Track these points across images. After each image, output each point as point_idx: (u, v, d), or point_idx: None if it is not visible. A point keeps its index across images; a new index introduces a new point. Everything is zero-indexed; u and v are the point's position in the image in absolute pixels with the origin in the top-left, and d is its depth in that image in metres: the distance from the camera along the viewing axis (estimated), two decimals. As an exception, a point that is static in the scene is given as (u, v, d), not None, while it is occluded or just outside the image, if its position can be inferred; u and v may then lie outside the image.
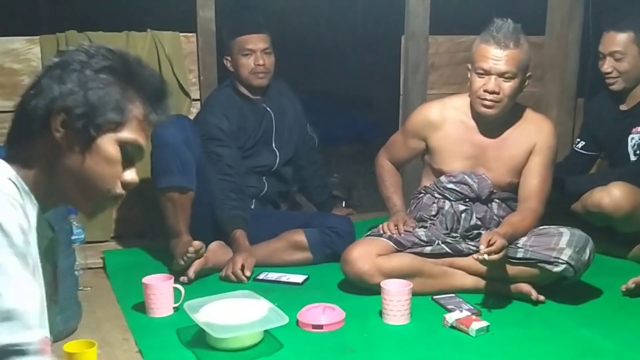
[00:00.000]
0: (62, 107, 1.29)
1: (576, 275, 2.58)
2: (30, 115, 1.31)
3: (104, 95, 1.31)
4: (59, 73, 1.31)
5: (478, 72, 2.68)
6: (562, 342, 2.35)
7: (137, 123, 1.35)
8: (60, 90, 1.30)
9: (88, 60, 1.33)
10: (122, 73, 1.34)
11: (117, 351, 2.28)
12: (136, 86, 1.35)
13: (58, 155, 1.31)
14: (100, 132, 1.31)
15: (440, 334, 2.42)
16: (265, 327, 2.31)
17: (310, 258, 3.07)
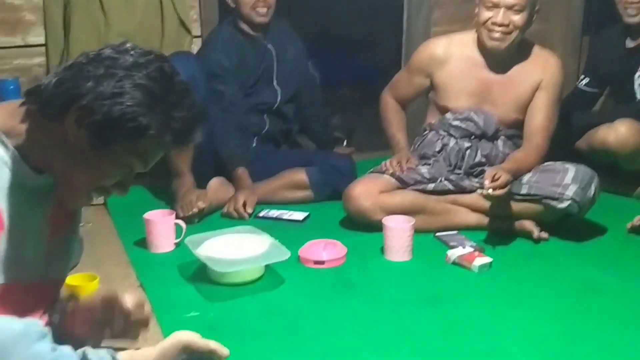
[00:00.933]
0: (84, 106, 1.25)
1: (581, 212, 2.54)
2: (54, 96, 1.27)
3: (130, 113, 1.25)
4: (101, 72, 1.26)
5: (486, 4, 2.60)
6: (565, 279, 2.32)
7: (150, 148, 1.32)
8: (91, 90, 1.25)
9: (133, 70, 1.27)
10: (160, 99, 1.28)
11: (119, 286, 2.25)
12: (168, 117, 1.29)
13: (61, 138, 1.28)
14: (108, 145, 1.28)
15: (443, 271, 2.39)
16: (267, 261, 2.28)
17: (311, 196, 3.04)
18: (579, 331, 1.98)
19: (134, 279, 2.32)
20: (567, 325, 2.00)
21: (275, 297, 2.20)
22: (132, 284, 2.28)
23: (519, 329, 1.99)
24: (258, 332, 1.97)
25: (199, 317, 2.05)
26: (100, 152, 1.27)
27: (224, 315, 2.07)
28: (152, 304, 2.10)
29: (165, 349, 1.45)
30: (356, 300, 2.18)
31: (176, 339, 1.47)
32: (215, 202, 2.89)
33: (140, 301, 1.55)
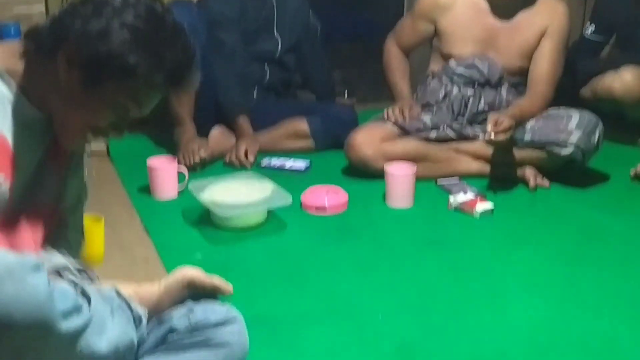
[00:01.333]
0: (72, 45, 1.23)
1: (584, 158, 2.52)
2: (48, 35, 1.26)
3: (116, 52, 1.22)
4: (90, 12, 1.24)
5: None
6: (568, 223, 2.33)
7: (141, 89, 1.28)
8: (80, 29, 1.23)
9: (122, 10, 1.24)
10: (149, 38, 1.25)
11: (124, 230, 2.26)
12: (157, 57, 1.26)
13: (55, 78, 1.26)
14: (97, 84, 1.25)
15: (444, 216, 2.39)
16: (270, 205, 2.28)
17: (312, 145, 3.02)
18: (581, 273, 1.98)
19: (139, 223, 2.31)
20: (569, 268, 2.01)
21: (278, 241, 2.20)
22: (137, 228, 2.29)
23: (521, 271, 2.00)
24: (262, 273, 1.98)
25: (203, 259, 2.05)
26: (92, 92, 1.26)
27: (227, 258, 2.08)
28: (157, 247, 2.13)
29: (169, 284, 1.44)
30: (358, 244, 2.18)
31: (181, 274, 1.46)
32: (217, 151, 2.88)
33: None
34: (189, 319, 1.37)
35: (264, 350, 1.56)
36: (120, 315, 1.25)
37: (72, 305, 1.08)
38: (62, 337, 1.06)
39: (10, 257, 1.03)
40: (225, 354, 1.37)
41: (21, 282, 1.01)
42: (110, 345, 1.17)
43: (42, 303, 1.03)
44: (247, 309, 1.48)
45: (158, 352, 1.34)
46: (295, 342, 1.64)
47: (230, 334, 1.39)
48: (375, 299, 1.85)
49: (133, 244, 2.17)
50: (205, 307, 1.41)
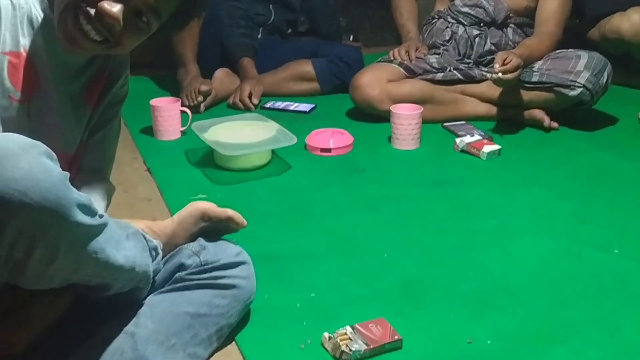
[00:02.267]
0: None
1: (593, 99, 2.45)
2: None
3: None
4: None
5: None
6: (576, 163, 2.27)
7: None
8: None
9: None
10: None
11: (127, 169, 2.21)
12: None
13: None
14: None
15: (451, 157, 2.34)
16: (274, 145, 2.22)
17: (317, 88, 2.96)
18: (589, 211, 1.93)
19: (142, 163, 2.27)
20: (577, 206, 1.96)
21: (282, 181, 2.15)
22: (140, 167, 2.24)
23: (529, 209, 1.95)
24: (267, 212, 1.93)
25: (207, 199, 1.98)
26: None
27: (232, 197, 2.02)
28: (160, 187, 2.08)
29: (183, 218, 1.39)
30: (364, 183, 2.13)
31: (193, 207, 1.40)
32: (220, 93, 2.82)
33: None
34: (199, 258, 1.34)
35: (268, 286, 1.52)
36: (136, 240, 1.20)
37: (86, 201, 1.02)
38: (75, 230, 1.00)
39: (23, 138, 0.97)
40: (232, 295, 1.34)
41: (35, 160, 0.95)
42: (128, 260, 1.13)
43: (56, 184, 0.96)
44: (251, 247, 1.45)
45: (166, 291, 1.31)
46: (300, 279, 1.60)
47: (239, 278, 1.36)
48: (380, 237, 1.80)
49: (136, 184, 2.12)
50: (217, 246, 1.37)
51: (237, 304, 1.35)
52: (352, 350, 1.31)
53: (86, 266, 1.06)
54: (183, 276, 1.32)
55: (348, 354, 1.31)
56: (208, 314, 1.30)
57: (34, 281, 1.04)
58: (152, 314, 1.25)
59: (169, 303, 1.28)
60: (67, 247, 1.01)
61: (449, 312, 1.47)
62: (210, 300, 1.31)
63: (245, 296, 1.37)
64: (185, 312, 1.27)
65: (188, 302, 1.28)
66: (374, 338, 1.34)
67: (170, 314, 1.26)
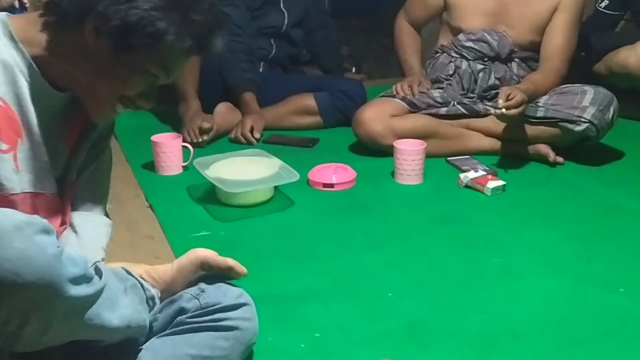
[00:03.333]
0: (101, 12, 1.19)
1: (599, 135, 2.48)
2: (72, 5, 1.21)
3: (146, 18, 1.19)
4: None
5: None
6: (582, 200, 2.30)
7: (171, 55, 1.25)
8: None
9: None
10: (176, 2, 1.22)
11: (129, 206, 2.25)
12: (186, 21, 1.22)
13: (82, 48, 1.23)
14: (128, 52, 1.22)
15: (455, 194, 2.37)
16: (277, 182, 2.26)
17: (320, 122, 3.00)
18: (594, 250, 1.96)
19: (144, 200, 2.30)
20: (582, 245, 1.99)
21: (285, 218, 2.19)
22: (142, 204, 2.27)
23: (534, 248, 1.98)
24: (270, 251, 1.97)
25: (210, 236, 2.04)
26: (121, 60, 1.23)
27: (234, 235, 2.06)
28: (162, 224, 2.12)
29: (182, 265, 1.42)
30: (368, 220, 2.17)
31: (194, 255, 1.43)
32: (222, 127, 2.86)
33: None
34: (199, 301, 1.36)
35: (272, 327, 1.55)
36: (134, 294, 1.24)
37: (81, 271, 1.06)
38: (69, 304, 1.04)
39: (20, 216, 1.02)
40: (234, 337, 1.37)
41: (29, 239, 1.00)
42: (123, 321, 1.16)
43: (50, 263, 1.01)
44: (254, 286, 1.48)
45: (167, 334, 1.33)
46: (304, 319, 1.62)
47: (241, 320, 1.38)
48: (384, 276, 1.83)
49: (138, 220, 2.16)
50: (217, 289, 1.40)
51: (240, 345, 1.38)
52: (356, 393, 1.34)
53: (80, 332, 1.12)
54: (184, 320, 1.34)
55: (352, 397, 1.33)
56: (211, 356, 1.32)
57: (29, 347, 1.09)
58: (154, 358, 1.27)
59: (171, 346, 1.30)
60: (61, 319, 1.06)
61: (454, 354, 1.50)
62: (213, 342, 1.33)
63: (247, 338, 1.40)
64: (187, 354, 1.30)
65: (190, 344, 1.31)
66: (379, 380, 1.37)
67: (172, 357, 1.28)
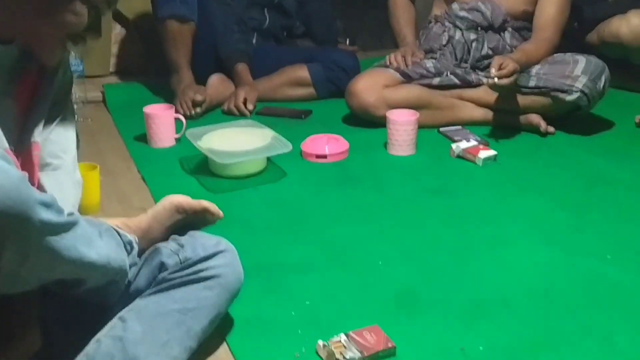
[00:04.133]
0: None
1: (590, 104, 2.50)
2: None
3: None
4: None
5: None
6: (573, 170, 2.31)
7: None
8: None
9: None
10: None
11: (120, 179, 2.26)
12: None
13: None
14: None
15: (447, 164, 2.38)
16: (269, 153, 2.27)
17: (313, 94, 3.01)
18: (585, 219, 1.98)
19: (136, 172, 2.31)
20: (573, 214, 2.01)
21: (277, 189, 2.20)
22: (134, 176, 2.28)
23: (525, 217, 1.99)
24: (262, 222, 1.98)
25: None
26: None
27: (226, 206, 1.99)
28: (154, 196, 2.12)
29: (157, 212, 1.44)
30: (359, 191, 2.18)
31: (168, 201, 1.45)
32: (215, 99, 2.87)
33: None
34: (179, 256, 1.37)
35: (262, 296, 1.57)
36: (109, 237, 1.24)
37: (50, 199, 1.05)
38: (42, 230, 1.03)
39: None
40: (218, 284, 1.38)
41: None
42: (101, 257, 1.17)
43: (17, 184, 0.98)
44: (246, 257, 1.48)
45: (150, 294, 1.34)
46: (295, 288, 1.64)
47: (222, 267, 1.39)
48: (375, 246, 1.85)
49: (130, 193, 2.17)
50: (194, 240, 1.41)
51: (225, 292, 1.39)
52: (346, 358, 1.36)
53: (59, 265, 1.10)
54: (165, 276, 1.35)
55: (342, 363, 1.36)
56: (197, 307, 1.34)
57: (9, 283, 1.07)
58: (140, 317, 1.28)
59: (155, 305, 1.31)
60: (36, 246, 1.04)
61: (442, 321, 1.52)
62: (197, 294, 1.35)
63: (231, 284, 1.41)
64: (172, 309, 1.31)
65: (174, 300, 1.32)
66: (368, 346, 1.39)
67: (158, 315, 1.29)
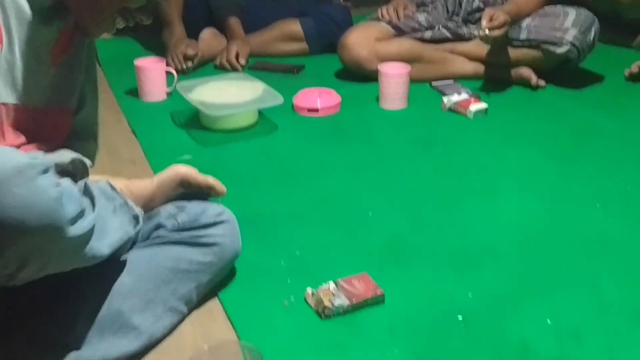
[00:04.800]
0: None
1: (579, 57, 2.45)
2: None
3: None
4: None
5: None
6: (563, 122, 2.28)
7: None
8: None
9: None
10: None
11: (111, 132, 2.21)
12: None
13: None
14: None
15: (438, 117, 2.34)
16: (260, 105, 2.22)
17: (306, 49, 2.95)
18: (574, 170, 1.95)
19: (126, 125, 2.27)
20: (562, 165, 1.98)
21: (269, 143, 2.16)
22: (124, 130, 2.23)
23: (514, 169, 1.96)
24: (253, 174, 1.94)
25: (193, 160, 2.00)
26: None
27: (217, 159, 2.03)
28: (144, 149, 2.08)
29: (162, 181, 1.39)
30: (351, 144, 2.14)
31: (174, 172, 1.40)
32: (207, 53, 2.80)
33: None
34: (177, 219, 1.34)
35: (252, 247, 1.54)
36: (123, 213, 1.21)
37: (78, 208, 1.03)
38: (68, 243, 1.02)
39: (20, 157, 0.98)
40: (213, 252, 1.35)
41: (31, 183, 0.96)
42: (112, 248, 1.14)
43: (52, 207, 0.97)
44: (236, 208, 1.45)
45: (144, 247, 1.31)
46: (285, 238, 1.61)
47: (220, 237, 1.36)
48: (366, 197, 1.81)
49: (119, 145, 2.12)
50: (196, 206, 1.37)
51: (219, 261, 1.36)
52: (334, 306, 1.33)
53: (71, 265, 1.09)
54: (161, 234, 1.32)
55: (330, 309, 1.33)
56: (188, 270, 1.30)
57: (19, 282, 1.06)
58: (130, 269, 1.25)
59: (147, 258, 1.28)
60: (57, 257, 1.04)
61: (431, 269, 1.49)
62: (191, 257, 1.32)
63: (227, 255, 1.38)
64: (164, 266, 1.28)
65: (167, 257, 1.29)
66: (357, 293, 1.37)
67: (148, 269, 1.26)
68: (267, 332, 1.30)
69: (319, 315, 1.34)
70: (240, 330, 1.30)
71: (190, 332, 1.31)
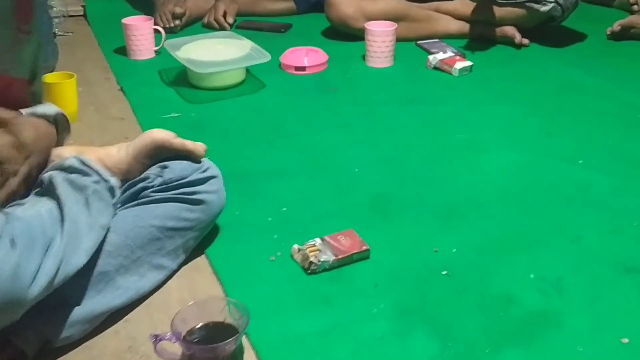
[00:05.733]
0: None
1: (563, 15, 2.40)
2: None
3: None
4: None
5: None
6: (546, 79, 2.23)
7: None
8: None
9: None
10: None
11: (99, 89, 2.14)
12: None
13: None
14: None
15: (423, 74, 2.28)
16: (247, 63, 2.15)
17: (293, 8, 2.87)
18: (557, 125, 1.91)
19: (114, 83, 2.19)
20: (545, 119, 1.94)
21: (256, 100, 2.10)
22: (113, 87, 2.16)
23: (497, 124, 1.92)
24: (239, 131, 1.88)
25: (180, 117, 1.95)
26: None
27: (204, 116, 1.97)
28: (132, 106, 2.02)
29: (138, 151, 1.28)
30: (337, 101, 2.08)
31: (150, 138, 1.28)
32: (195, 12, 2.72)
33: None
34: (162, 176, 1.27)
35: (239, 202, 1.49)
36: (97, 200, 1.13)
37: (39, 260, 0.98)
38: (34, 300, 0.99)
39: None
40: (200, 210, 1.29)
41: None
42: (88, 252, 1.08)
43: (8, 286, 0.93)
44: (223, 165, 1.39)
45: (130, 207, 1.24)
46: (271, 195, 1.56)
47: (208, 193, 1.30)
48: (351, 152, 1.76)
49: (108, 103, 2.06)
50: (182, 164, 1.29)
51: (206, 217, 1.31)
52: (320, 261, 1.29)
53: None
54: (148, 193, 1.26)
55: (316, 265, 1.29)
56: (175, 227, 1.25)
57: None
58: (116, 228, 1.18)
59: (134, 217, 1.22)
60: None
61: (416, 224, 1.45)
62: (178, 213, 1.26)
63: (213, 210, 1.33)
64: (151, 225, 1.22)
65: (154, 215, 1.23)
66: (343, 249, 1.33)
67: (135, 228, 1.20)
68: (254, 287, 1.26)
69: (305, 271, 1.30)
70: (227, 286, 1.26)
71: (177, 288, 1.26)
